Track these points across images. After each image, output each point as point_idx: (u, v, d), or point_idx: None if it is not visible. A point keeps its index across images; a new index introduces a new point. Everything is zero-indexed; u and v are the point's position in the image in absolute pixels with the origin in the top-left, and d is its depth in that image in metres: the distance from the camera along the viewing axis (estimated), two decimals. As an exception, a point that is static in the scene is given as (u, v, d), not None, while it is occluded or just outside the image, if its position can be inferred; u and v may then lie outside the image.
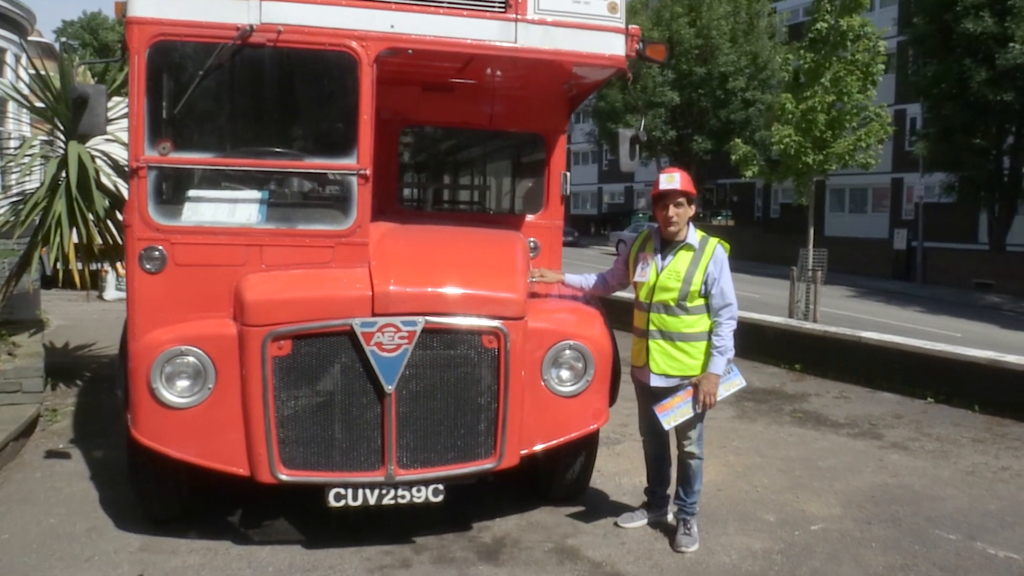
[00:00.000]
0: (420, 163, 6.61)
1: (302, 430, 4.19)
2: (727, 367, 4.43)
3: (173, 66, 4.30)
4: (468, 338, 4.28)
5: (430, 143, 6.56)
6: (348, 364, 4.17)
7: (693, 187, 4.47)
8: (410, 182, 6.59)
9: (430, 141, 6.51)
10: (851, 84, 13.73)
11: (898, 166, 32.12)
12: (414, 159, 6.49)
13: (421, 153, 6.56)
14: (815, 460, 6.26)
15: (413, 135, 6.16)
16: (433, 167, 6.93)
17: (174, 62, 4.29)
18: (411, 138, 6.16)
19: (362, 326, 4.11)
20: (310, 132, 4.64)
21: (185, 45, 4.21)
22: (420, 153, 6.54)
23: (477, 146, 6.44)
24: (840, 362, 9.13)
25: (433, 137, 6.44)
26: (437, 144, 6.61)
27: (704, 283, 4.40)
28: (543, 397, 4.50)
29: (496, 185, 6.69)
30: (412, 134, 6.12)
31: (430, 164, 6.86)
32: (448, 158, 6.81)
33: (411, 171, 6.49)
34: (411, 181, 6.63)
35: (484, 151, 6.48)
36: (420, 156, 6.57)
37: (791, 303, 13.89)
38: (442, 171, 7.07)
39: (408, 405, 4.24)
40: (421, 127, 6.07)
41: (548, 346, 4.49)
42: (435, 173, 7.04)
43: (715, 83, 33.94)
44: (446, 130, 6.22)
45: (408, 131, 5.95)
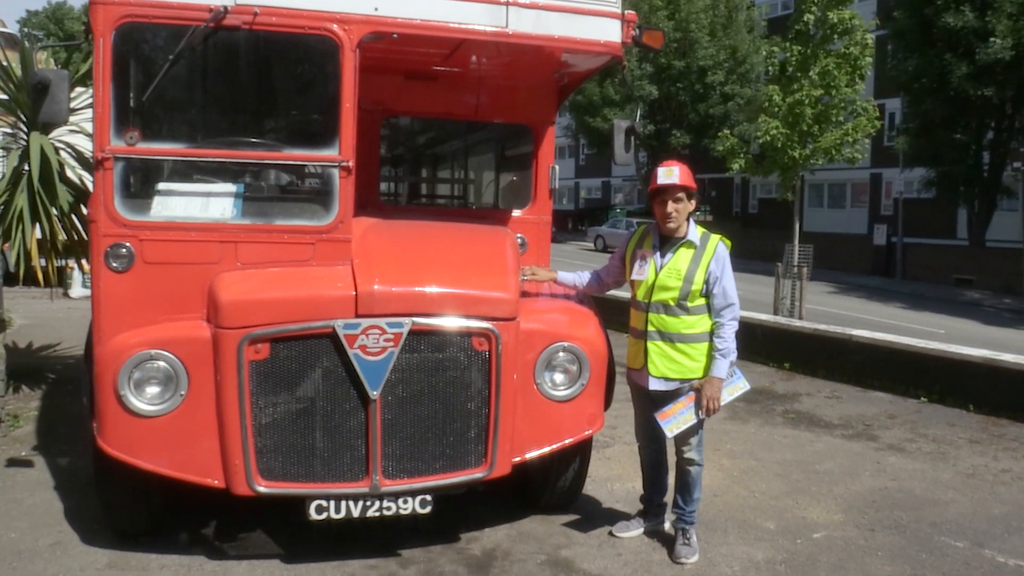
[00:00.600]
0: (403, 156, 6.35)
1: (281, 439, 3.93)
2: (730, 370, 4.23)
3: (141, 50, 4.02)
4: (457, 340, 4.04)
5: (413, 135, 6.29)
6: (330, 368, 3.92)
7: (693, 181, 4.26)
8: (392, 176, 6.32)
9: (413, 133, 6.25)
10: (839, 78, 13.59)
11: (877, 161, 32.16)
12: (397, 151, 6.22)
13: (404, 145, 6.29)
14: (812, 463, 6.08)
15: (396, 126, 5.90)
16: (417, 160, 6.67)
17: (142, 45, 4.01)
18: (393, 129, 5.90)
19: (345, 328, 3.86)
20: (288, 121, 4.37)
21: (154, 27, 3.93)
22: (403, 145, 6.27)
23: (462, 138, 6.19)
24: (830, 361, 8.97)
25: (417, 128, 6.18)
26: (421, 136, 6.35)
27: (706, 282, 4.19)
28: (536, 402, 4.27)
29: (482, 179, 6.44)
30: (395, 125, 5.86)
31: (414, 157, 6.60)
32: (432, 150, 6.55)
33: (394, 164, 6.22)
34: (393, 175, 6.36)
35: (470, 143, 6.23)
36: (403, 148, 6.30)
37: (776, 300, 13.76)
38: (426, 164, 6.80)
39: (394, 411, 4.00)
40: (404, 118, 5.81)
41: (541, 348, 4.25)
42: (419, 166, 6.78)
43: (694, 77, 33.77)
44: (430, 121, 5.97)
45: (390, 122, 5.69)
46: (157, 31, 3.94)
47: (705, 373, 4.21)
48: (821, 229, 34.62)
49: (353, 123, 4.02)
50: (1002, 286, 24.41)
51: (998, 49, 21.56)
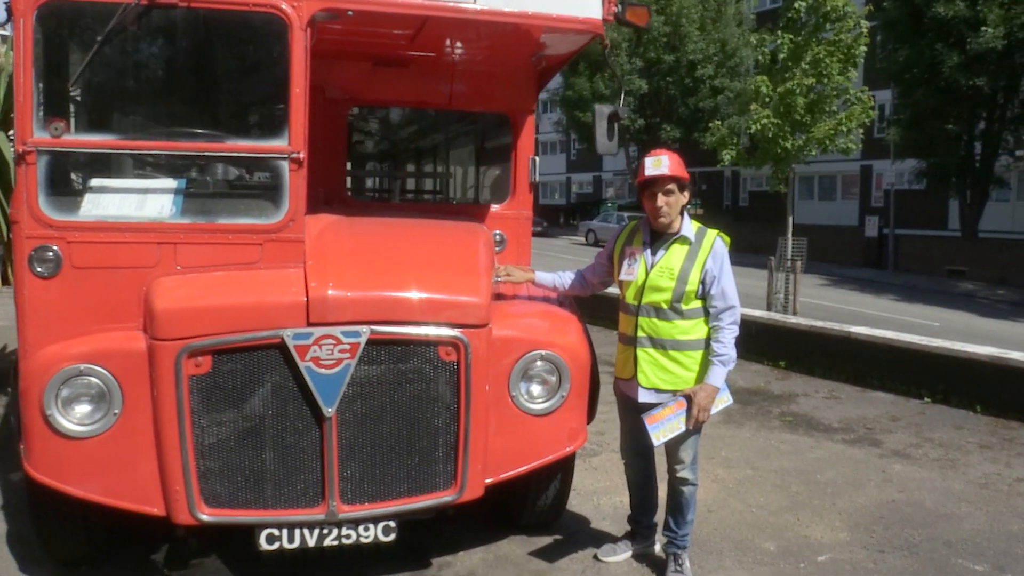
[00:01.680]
0: (372, 148, 5.93)
1: (226, 461, 3.52)
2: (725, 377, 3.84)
3: (66, 31, 3.61)
4: (422, 350, 3.64)
5: (383, 125, 5.88)
6: (279, 383, 3.52)
7: (685, 170, 3.87)
8: (360, 169, 5.90)
9: (383, 123, 5.83)
10: (832, 66, 13.18)
11: (867, 153, 31.71)
12: (365, 143, 5.81)
13: (373, 137, 5.88)
14: (812, 472, 5.70)
15: (363, 116, 5.49)
16: (386, 152, 6.26)
17: (67, 26, 3.61)
18: (361, 120, 5.49)
19: (295, 338, 3.46)
20: (232, 109, 3.95)
21: (79, 5, 3.53)
22: (372, 137, 5.86)
23: (436, 128, 5.80)
24: (828, 359, 8.59)
25: (386, 119, 5.77)
26: (391, 126, 5.94)
27: (702, 282, 3.79)
28: (511, 416, 3.87)
29: (457, 172, 6.04)
30: (362, 115, 5.45)
31: (383, 149, 6.18)
32: (403, 142, 6.14)
33: (362, 157, 5.80)
34: (361, 168, 5.94)
35: (444, 134, 5.83)
36: (372, 140, 5.89)
37: (769, 294, 13.39)
38: (397, 157, 6.39)
39: (352, 430, 3.60)
40: (373, 107, 5.41)
41: (516, 357, 3.85)
42: (389, 159, 6.37)
43: (683, 71, 33.50)
44: (401, 111, 5.57)
45: (358, 112, 5.28)
46: (83, 10, 3.54)
47: (699, 383, 3.82)
48: (811, 221, 34.29)
49: (304, 111, 3.61)
50: (995, 277, 24.15)
51: (989, 38, 21.28)
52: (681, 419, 3.80)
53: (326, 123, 4.95)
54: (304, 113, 3.61)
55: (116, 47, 3.56)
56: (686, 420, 3.79)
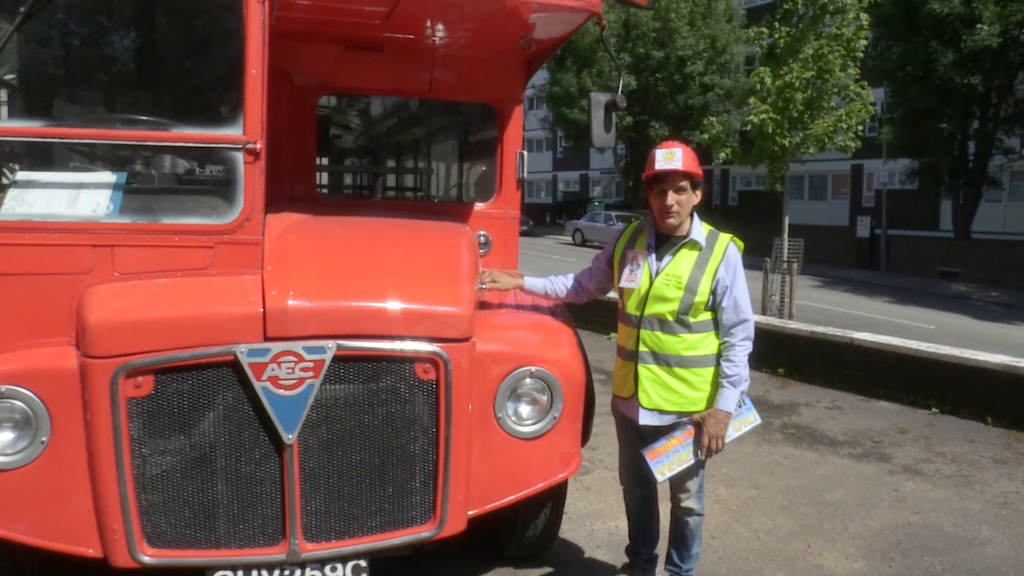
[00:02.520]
0: (345, 141, 5.48)
1: (172, 495, 3.08)
2: (740, 399, 3.43)
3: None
4: (396, 367, 3.21)
5: (357, 116, 5.43)
6: (232, 406, 3.08)
7: (699, 167, 3.45)
8: (332, 164, 5.44)
9: (357, 113, 5.38)
10: (833, 61, 12.74)
11: (858, 152, 31.50)
12: (337, 136, 5.35)
13: (346, 128, 5.43)
14: (820, 492, 5.31)
15: (335, 106, 5.05)
16: (361, 146, 5.80)
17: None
18: (333, 109, 5.04)
19: (249, 355, 3.02)
20: (179, 93, 3.48)
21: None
22: (345, 128, 5.41)
23: (415, 120, 5.36)
24: (829, 366, 8.21)
25: (361, 108, 5.32)
26: (366, 117, 5.49)
27: (712, 292, 3.38)
28: (497, 440, 3.45)
29: (439, 167, 5.60)
30: (334, 105, 5.00)
31: (357, 142, 5.73)
32: (380, 135, 5.69)
33: (334, 151, 5.35)
34: (334, 163, 5.48)
35: (424, 126, 5.39)
36: (345, 132, 5.44)
37: (764, 297, 12.99)
38: (373, 151, 5.93)
39: (316, 458, 3.17)
40: (345, 95, 4.96)
41: (503, 374, 3.42)
42: (364, 153, 5.91)
43: (672, 67, 33.08)
44: (377, 100, 5.13)
45: (329, 101, 4.84)
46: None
47: (709, 405, 3.41)
48: (802, 221, 33.86)
49: (261, 95, 3.17)
50: (989, 279, 23.89)
51: (985, 36, 20.98)
52: (689, 450, 3.39)
53: (293, 112, 4.53)
54: (261, 97, 3.17)
55: (43, 22, 3.11)
56: (696, 451, 3.38)
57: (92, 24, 3.27)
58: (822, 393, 7.99)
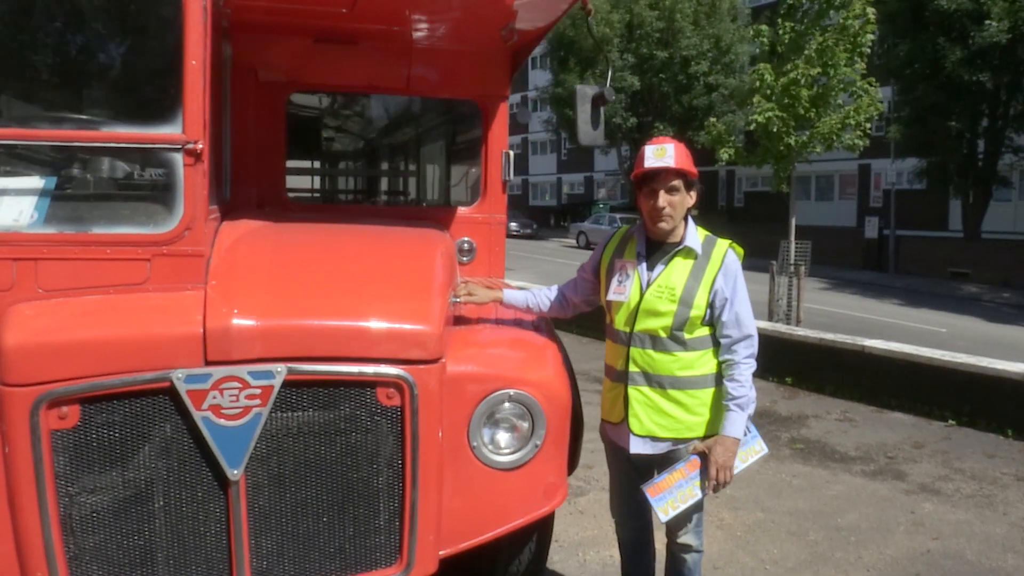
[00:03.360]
0: (316, 141, 5.13)
1: (104, 539, 2.74)
2: (745, 429, 3.08)
3: None
4: (356, 393, 2.86)
5: (329, 115, 5.09)
6: (170, 439, 2.74)
7: (693, 164, 3.10)
8: (302, 167, 5.09)
9: (329, 112, 5.04)
10: (838, 55, 12.34)
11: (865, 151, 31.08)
12: (308, 136, 5.01)
13: (317, 128, 5.08)
14: (832, 515, 4.94)
15: (305, 104, 4.70)
16: (335, 146, 5.45)
17: None
18: (303, 108, 4.70)
19: (187, 381, 2.68)
20: (111, 87, 3.12)
21: None
22: (316, 128, 5.06)
23: (392, 118, 5.02)
24: (839, 375, 7.83)
25: (333, 107, 4.98)
26: (338, 116, 5.15)
27: (710, 304, 3.03)
28: (471, 471, 3.09)
29: (418, 169, 5.26)
30: (304, 102, 4.66)
31: (331, 142, 5.38)
32: (355, 134, 5.34)
33: (304, 152, 5.00)
34: (304, 165, 5.13)
35: (402, 125, 5.05)
36: (316, 132, 5.09)
37: (771, 301, 12.61)
38: (347, 152, 5.59)
39: (266, 496, 2.82)
40: (316, 92, 4.63)
41: (477, 398, 3.06)
42: (338, 154, 5.56)
43: (677, 67, 32.79)
44: (350, 97, 4.79)
45: (298, 98, 4.51)
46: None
47: (708, 431, 3.06)
48: (809, 222, 33.50)
49: (202, 88, 2.83)
50: (999, 279, 23.45)
51: (993, 32, 20.58)
52: (695, 484, 3.04)
53: (260, 111, 4.21)
54: (203, 92, 2.83)
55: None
56: (702, 484, 3.03)
57: (12, 12, 2.93)
58: (832, 404, 7.62)
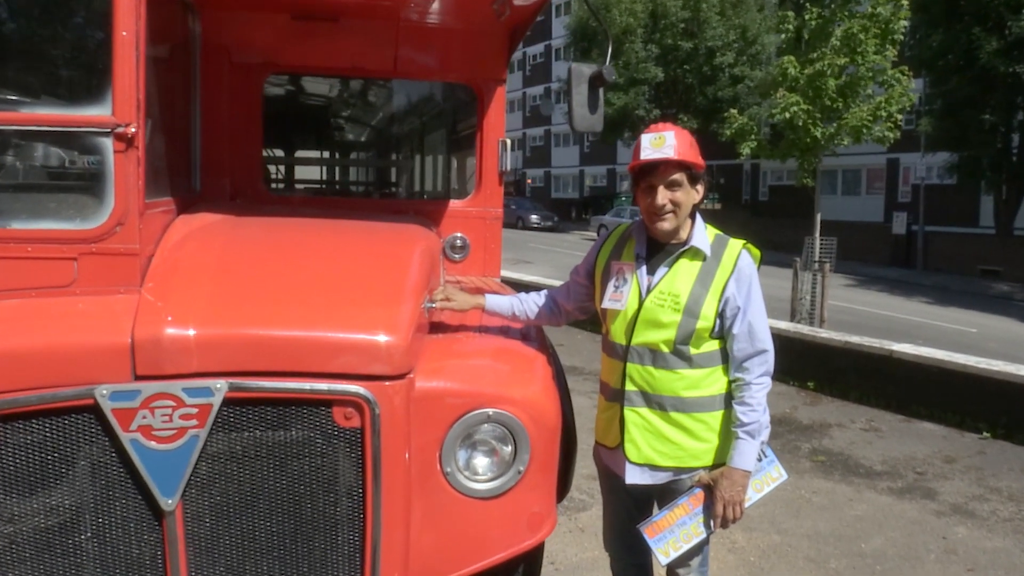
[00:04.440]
0: (296, 128, 4.79)
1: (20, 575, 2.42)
2: (760, 451, 2.69)
3: None
4: (308, 412, 2.50)
5: (310, 99, 4.74)
6: (97, 464, 2.40)
7: (699, 154, 2.71)
8: (281, 155, 4.74)
9: (310, 96, 4.69)
10: (867, 43, 11.80)
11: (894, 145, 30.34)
12: (287, 122, 4.66)
13: (297, 113, 4.73)
14: (855, 538, 4.54)
15: (284, 87, 4.36)
16: (316, 134, 5.10)
17: None
18: (281, 91, 4.35)
19: (113, 398, 2.34)
20: (31, 62, 2.78)
21: None
22: (295, 113, 4.71)
23: (378, 103, 4.67)
24: (865, 381, 7.38)
25: (314, 91, 4.63)
26: (320, 101, 4.80)
27: (720, 315, 2.63)
28: (444, 500, 2.73)
29: (407, 159, 4.90)
30: (282, 85, 4.32)
31: (311, 129, 5.03)
32: (338, 121, 4.99)
33: (283, 139, 4.65)
34: (283, 153, 4.79)
35: (389, 111, 4.70)
36: (296, 118, 4.74)
37: (794, 299, 12.13)
38: (329, 140, 5.23)
39: (207, 528, 2.48)
40: (295, 75, 4.28)
41: (452, 418, 2.69)
42: (320, 142, 5.21)
43: (702, 59, 32.28)
44: (332, 80, 4.44)
45: (276, 81, 4.16)
46: None
47: (716, 459, 2.67)
48: (835, 217, 32.87)
49: (135, 63, 2.48)
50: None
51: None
52: (699, 521, 2.65)
53: (234, 95, 3.87)
54: (136, 67, 2.48)
55: None
56: (707, 521, 2.65)
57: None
58: (856, 411, 7.18)
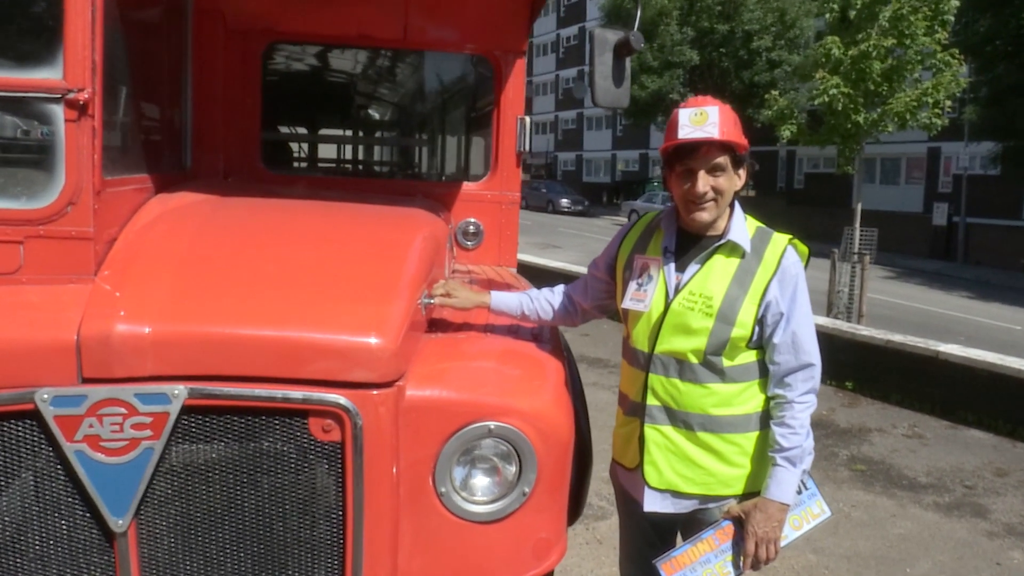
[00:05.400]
0: (297, 102, 4.46)
1: (-44, 600, 2.14)
2: (800, 484, 2.33)
3: None
4: (280, 423, 2.18)
5: (313, 71, 4.40)
6: (38, 478, 2.11)
7: (742, 134, 2.35)
8: (280, 131, 4.41)
9: (313, 68, 4.36)
10: (916, 24, 11.22)
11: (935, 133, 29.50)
12: (287, 95, 4.33)
13: (298, 86, 4.41)
14: (899, 561, 4.16)
15: (284, 58, 4.03)
16: (319, 108, 4.77)
17: None
18: (281, 62, 4.03)
19: (55, 404, 2.04)
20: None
21: None
22: (296, 86, 4.38)
23: (387, 76, 4.33)
24: (908, 382, 6.96)
25: (317, 61, 4.29)
26: (324, 72, 4.47)
27: (759, 321, 2.26)
28: (437, 523, 2.39)
29: (418, 137, 4.56)
30: (283, 56, 3.99)
31: (314, 103, 4.70)
32: (343, 95, 4.65)
33: (283, 114, 4.33)
34: (284, 129, 4.46)
35: (398, 84, 4.36)
36: (297, 91, 4.41)
37: (831, 292, 11.64)
38: (334, 115, 4.90)
39: (165, 552, 2.18)
40: (297, 44, 3.95)
41: (447, 432, 2.35)
42: (323, 118, 4.88)
43: (738, 42, 31.64)
44: (337, 50, 4.10)
45: (276, 50, 3.83)
46: None
47: (749, 488, 2.31)
48: (873, 207, 32.05)
49: (90, 20, 2.17)
50: (1081, 274, 21.98)
51: (1086, 7, 19.04)
52: (726, 559, 2.29)
53: (231, 65, 3.56)
54: (91, 24, 2.17)
55: None
56: (736, 560, 2.29)
57: None
58: (898, 415, 6.76)
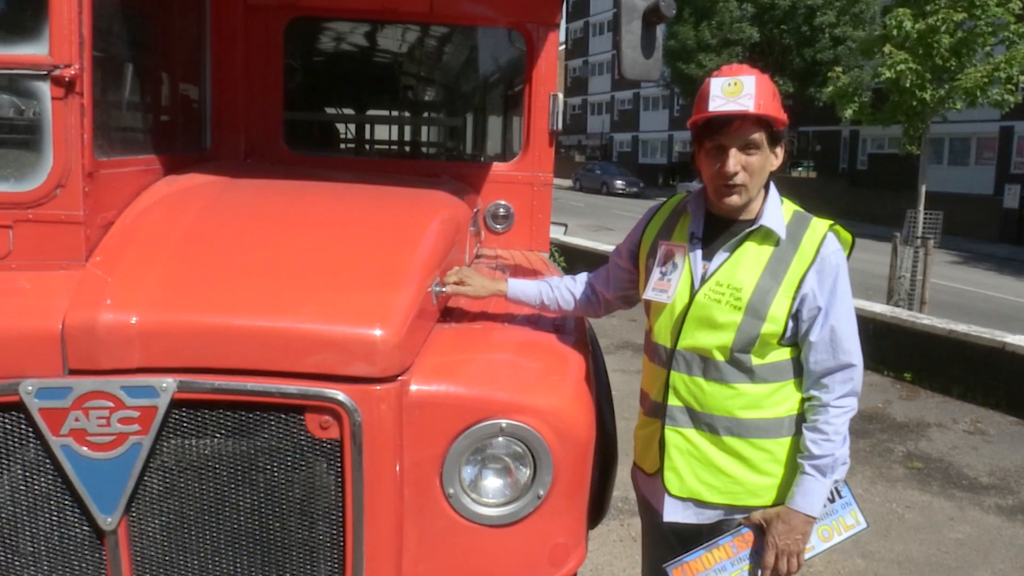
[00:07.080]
0: (320, 80, 4.33)
1: (-57, 597, 2.08)
2: (833, 491, 2.13)
3: None
4: (276, 419, 2.06)
5: (336, 48, 4.27)
6: (24, 472, 2.02)
7: (781, 107, 2.14)
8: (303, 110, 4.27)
9: (336, 45, 4.22)
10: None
11: (1008, 112, 28.29)
12: (309, 73, 4.21)
13: (321, 64, 4.28)
14: (955, 569, 3.91)
15: (306, 34, 3.90)
16: (342, 87, 4.63)
17: None
18: (303, 39, 3.90)
19: (40, 396, 1.94)
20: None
21: None
22: (319, 64, 4.26)
23: (413, 51, 4.18)
24: (971, 375, 6.61)
25: (341, 38, 4.16)
26: (347, 49, 4.33)
27: (793, 316, 2.06)
28: (444, 526, 2.25)
29: (443, 115, 4.41)
30: (305, 33, 3.86)
31: (337, 82, 4.56)
32: (368, 72, 4.51)
33: (305, 93, 4.20)
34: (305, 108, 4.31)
35: (424, 61, 4.21)
36: (319, 69, 4.29)
37: (892, 278, 11.18)
38: (358, 93, 4.75)
39: (156, 551, 2.08)
40: (319, 20, 3.82)
41: (456, 430, 2.20)
42: (347, 96, 4.74)
43: (800, 18, 30.85)
44: (361, 26, 3.96)
45: (298, 27, 3.70)
46: None
47: (779, 498, 2.12)
48: (940, 188, 30.94)
49: None
50: None
51: None
52: (743, 569, 2.12)
53: (251, 43, 3.46)
54: (75, 3, 2.05)
55: None
56: (754, 570, 2.10)
57: None
58: (959, 409, 6.42)
